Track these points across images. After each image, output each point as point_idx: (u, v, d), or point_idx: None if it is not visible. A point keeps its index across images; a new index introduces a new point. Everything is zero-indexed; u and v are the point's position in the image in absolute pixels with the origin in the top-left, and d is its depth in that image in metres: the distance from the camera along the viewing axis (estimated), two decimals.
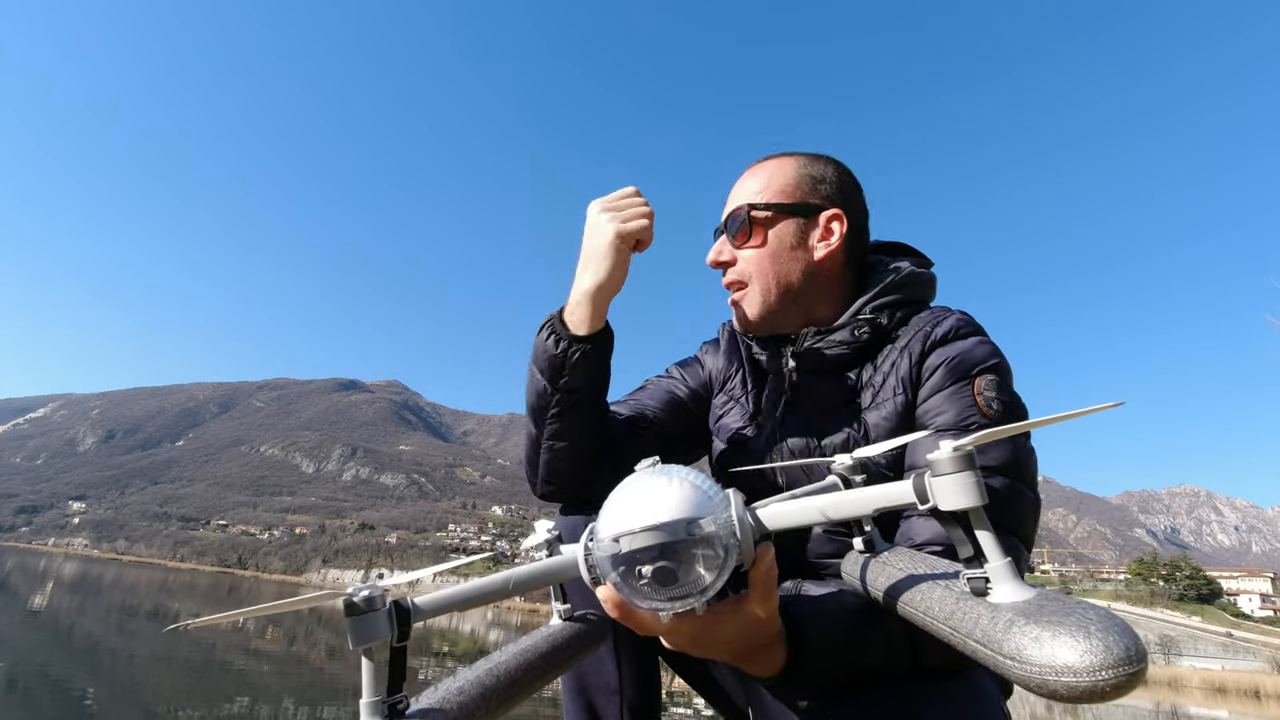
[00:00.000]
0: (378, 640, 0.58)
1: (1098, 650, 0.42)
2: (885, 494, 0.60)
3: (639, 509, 0.56)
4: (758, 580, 0.65)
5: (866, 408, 1.06)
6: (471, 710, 0.62)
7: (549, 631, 0.78)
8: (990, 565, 0.53)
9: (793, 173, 1.16)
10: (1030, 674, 0.45)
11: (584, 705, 1.05)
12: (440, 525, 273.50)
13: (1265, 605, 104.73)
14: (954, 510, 0.54)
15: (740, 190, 1.17)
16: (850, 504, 0.62)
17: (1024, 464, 0.91)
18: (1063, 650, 0.43)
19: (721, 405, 1.25)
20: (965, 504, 0.53)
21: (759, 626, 0.68)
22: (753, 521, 0.62)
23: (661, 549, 0.55)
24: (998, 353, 1.01)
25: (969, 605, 0.53)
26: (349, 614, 0.58)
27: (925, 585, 0.59)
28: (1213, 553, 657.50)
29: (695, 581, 0.56)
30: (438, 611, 0.64)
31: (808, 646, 0.73)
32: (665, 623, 0.65)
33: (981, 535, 0.54)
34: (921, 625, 0.59)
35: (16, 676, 7.73)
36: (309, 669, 11.86)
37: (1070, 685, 0.43)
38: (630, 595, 0.58)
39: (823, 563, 1.04)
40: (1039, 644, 0.45)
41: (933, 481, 0.55)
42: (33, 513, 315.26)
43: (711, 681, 1.15)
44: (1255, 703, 39.86)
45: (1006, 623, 0.48)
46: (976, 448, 0.54)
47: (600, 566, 0.59)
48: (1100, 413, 0.50)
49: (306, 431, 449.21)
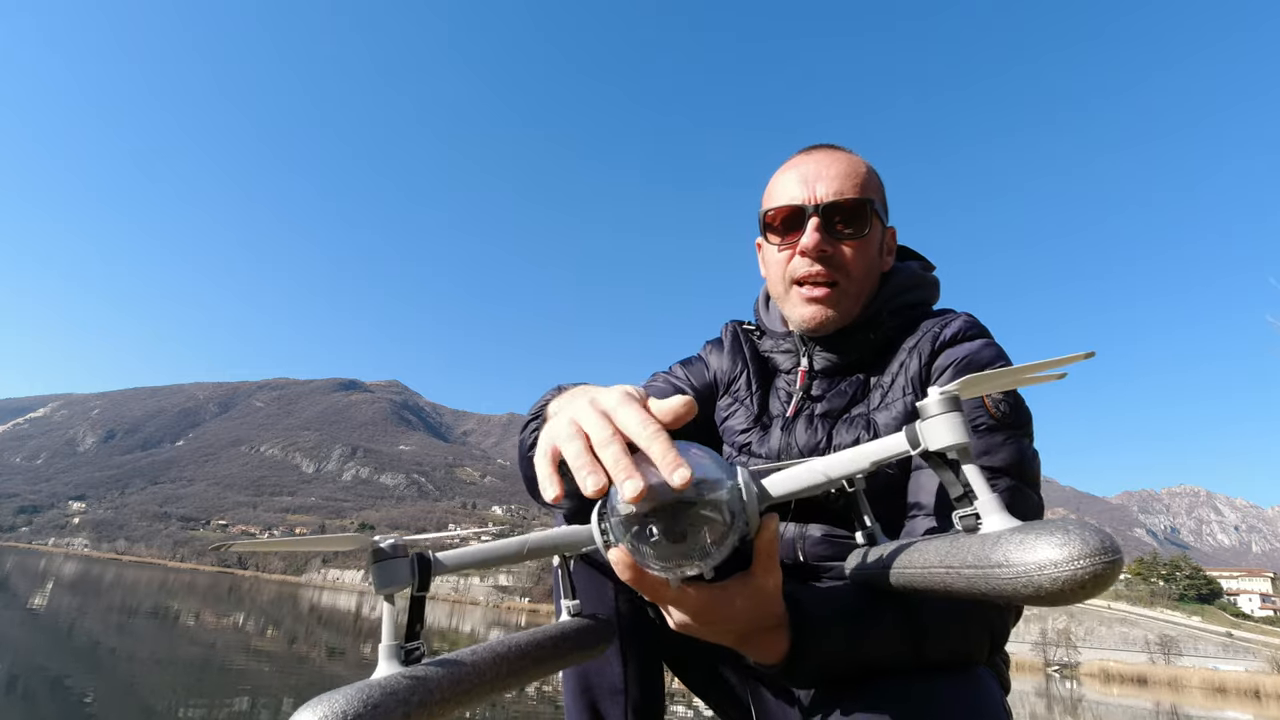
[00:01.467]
0: (400, 586, 0.61)
1: (1074, 543, 0.45)
2: (880, 447, 0.63)
3: (650, 475, 0.57)
4: (762, 548, 0.66)
5: (875, 408, 1.06)
6: (482, 670, 0.65)
7: (559, 624, 0.80)
8: (979, 500, 0.55)
9: (872, 176, 1.14)
10: (1017, 575, 0.47)
11: (587, 705, 1.05)
12: (440, 525, 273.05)
13: (1265, 605, 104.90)
14: (943, 449, 0.57)
15: (826, 176, 1.09)
16: (848, 461, 0.64)
17: (1028, 466, 0.92)
18: (1044, 548, 0.46)
19: (726, 407, 1.23)
20: (952, 440, 0.56)
21: (764, 602, 0.69)
22: (758, 489, 0.64)
23: (672, 508, 0.56)
24: (1003, 355, 1.03)
25: (961, 541, 0.55)
26: (375, 559, 0.61)
27: (921, 545, 0.62)
28: (1213, 553, 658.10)
29: (704, 545, 0.58)
30: (457, 568, 0.67)
31: (811, 633, 0.73)
32: (674, 589, 0.66)
33: (968, 470, 0.56)
34: (922, 585, 0.60)
35: (16, 676, 7.74)
36: (309, 669, 11.86)
37: (1053, 577, 0.45)
38: (641, 557, 0.60)
39: (822, 565, 1.04)
40: (1023, 547, 0.48)
41: (922, 425, 0.58)
42: (33, 513, 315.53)
43: (715, 682, 1.14)
44: (1255, 703, 39.88)
45: (995, 539, 0.51)
46: (978, 445, 0.57)
47: (613, 530, 0.61)
48: (1068, 366, 0.55)
49: (306, 431, 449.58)
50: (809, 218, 1.08)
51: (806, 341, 1.15)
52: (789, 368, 1.18)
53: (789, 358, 1.18)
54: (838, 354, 1.12)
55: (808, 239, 1.07)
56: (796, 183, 1.11)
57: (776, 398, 1.18)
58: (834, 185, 1.09)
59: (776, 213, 1.12)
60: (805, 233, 1.08)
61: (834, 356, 1.12)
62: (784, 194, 1.12)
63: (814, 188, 1.09)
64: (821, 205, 1.08)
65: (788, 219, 1.11)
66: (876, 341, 1.11)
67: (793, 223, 1.11)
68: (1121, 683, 54.58)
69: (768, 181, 1.20)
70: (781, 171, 1.16)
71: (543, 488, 0.61)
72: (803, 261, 1.09)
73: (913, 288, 1.15)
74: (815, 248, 1.07)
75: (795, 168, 1.13)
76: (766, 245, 1.18)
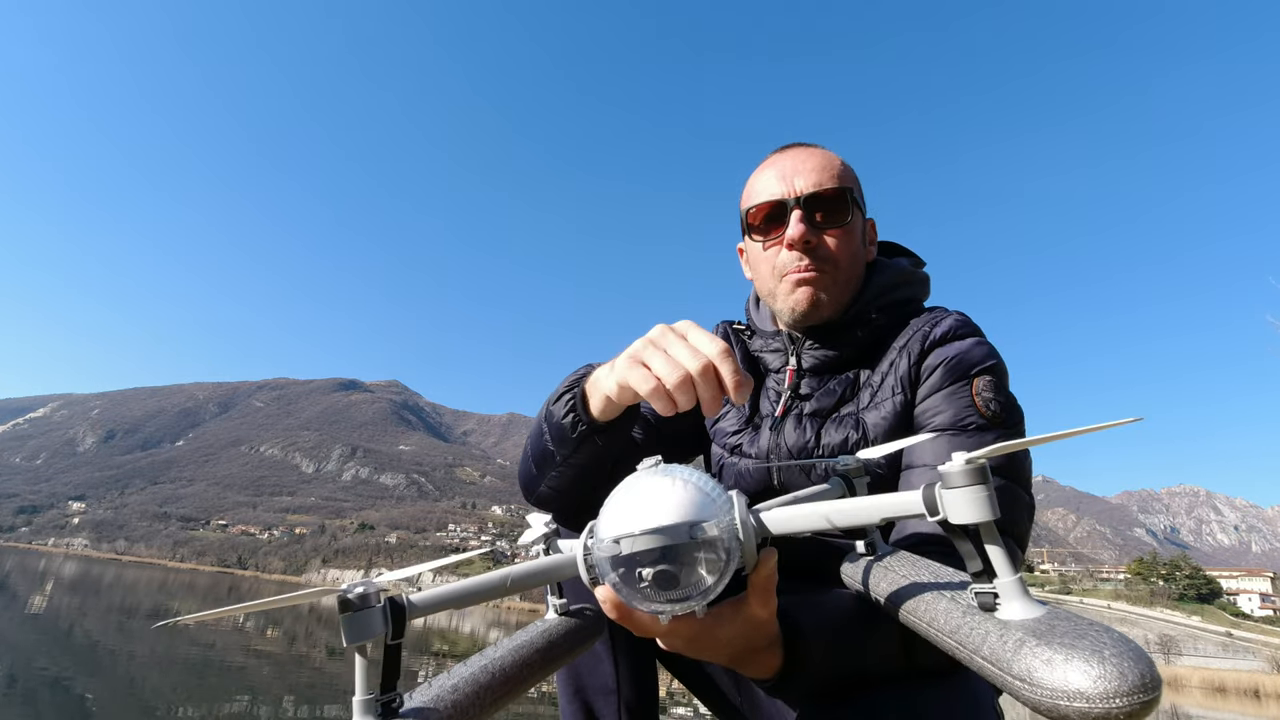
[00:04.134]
0: (372, 637, 0.57)
1: (1112, 676, 0.41)
2: (893, 504, 0.59)
3: (641, 511, 0.55)
4: (758, 585, 0.64)
5: (865, 408, 1.05)
6: (466, 708, 0.61)
7: (544, 626, 0.77)
8: (1000, 581, 0.52)
9: (847, 168, 1.14)
10: (1041, 697, 0.43)
11: (581, 705, 1.04)
12: (440, 525, 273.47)
13: (1265, 605, 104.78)
14: (964, 524, 0.53)
15: (803, 170, 1.10)
16: (857, 512, 0.61)
17: (1020, 466, 0.91)
18: (1075, 675, 0.42)
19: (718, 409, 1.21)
20: (977, 518, 0.52)
21: (757, 630, 0.68)
22: (755, 524, 0.62)
23: (663, 552, 0.54)
24: (995, 354, 1.02)
25: (976, 620, 0.51)
26: (343, 610, 0.57)
27: (930, 595, 0.58)
28: (1212, 552, 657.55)
29: (696, 584, 0.55)
30: (433, 609, 0.62)
31: (804, 650, 0.72)
32: (664, 625, 0.65)
33: (992, 550, 0.53)
34: (924, 635, 0.57)
35: (16, 676, 7.73)
36: (309, 669, 11.86)
37: (1083, 712, 0.41)
38: (629, 597, 0.57)
39: (820, 568, 1.04)
40: (1051, 666, 0.43)
41: (944, 494, 0.53)
42: (33, 513, 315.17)
43: (707, 681, 1.14)
44: (1255, 702, 39.89)
45: (1016, 642, 0.47)
46: (968, 443, 0.53)
47: (599, 567, 0.58)
48: (1083, 435, 0.49)
49: (306, 431, 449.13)
50: (791, 210, 1.08)
51: (795, 339, 1.15)
52: (778, 367, 1.17)
53: (778, 357, 1.17)
54: (827, 350, 1.11)
55: (793, 230, 1.08)
56: (775, 179, 1.11)
57: (766, 398, 1.18)
58: (812, 178, 1.09)
59: (758, 210, 1.12)
60: (789, 225, 1.08)
61: (823, 353, 1.12)
62: (764, 191, 1.12)
63: (792, 182, 1.10)
64: (802, 197, 1.08)
65: (770, 215, 1.11)
66: (865, 339, 1.10)
67: (775, 218, 1.11)
68: None
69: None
70: (759, 171, 1.16)
71: (727, 396, 0.67)
72: (790, 255, 1.10)
73: (902, 284, 1.14)
74: (800, 238, 1.07)
75: (772, 165, 1.14)
76: (751, 244, 1.17)
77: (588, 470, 0.97)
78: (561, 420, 0.92)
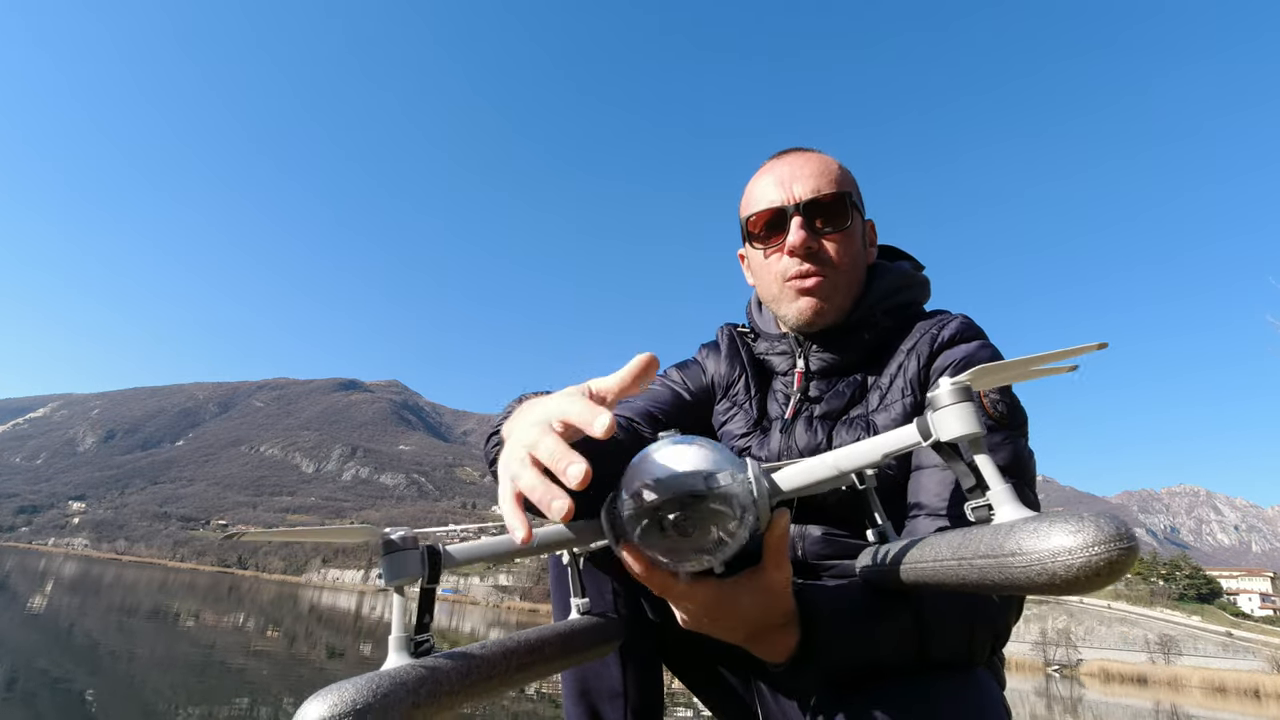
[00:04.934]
0: (410, 576, 0.61)
1: (1089, 530, 0.45)
2: (892, 439, 0.62)
3: (660, 467, 0.58)
4: (772, 544, 0.66)
5: (874, 410, 1.06)
6: (492, 663, 0.65)
7: (569, 622, 0.80)
8: (992, 491, 0.54)
9: (845, 172, 1.15)
10: (1031, 563, 0.46)
11: (587, 708, 1.05)
12: (440, 525, 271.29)
13: (1265, 605, 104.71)
14: (954, 439, 0.55)
15: (801, 176, 1.11)
16: (859, 454, 0.63)
17: (1025, 466, 0.93)
18: (1058, 535, 0.46)
19: (725, 411, 1.22)
20: (965, 430, 0.55)
21: (774, 598, 0.69)
22: (769, 485, 0.63)
23: (680, 501, 0.56)
24: (999, 356, 1.04)
25: (974, 532, 0.54)
26: (386, 551, 0.61)
27: (934, 539, 0.60)
28: (1212, 552, 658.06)
29: (714, 538, 0.58)
30: (467, 560, 0.66)
31: (820, 630, 0.73)
32: (683, 584, 0.66)
33: (980, 461, 0.55)
34: (934, 580, 0.59)
35: (16, 676, 7.73)
36: (309, 669, 11.86)
37: (1067, 565, 0.45)
38: (652, 552, 0.60)
39: (823, 564, 1.04)
40: (1038, 535, 0.47)
41: (933, 416, 0.57)
42: (33, 513, 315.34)
43: (715, 683, 1.14)
44: (1255, 702, 39.88)
45: (1009, 529, 0.50)
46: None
47: (621, 525, 0.61)
48: (1079, 357, 0.53)
49: (306, 431, 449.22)
50: (791, 217, 1.09)
51: (802, 342, 1.15)
52: (785, 369, 1.17)
53: (785, 359, 1.17)
54: (834, 353, 1.12)
55: (793, 237, 1.08)
56: (773, 186, 1.12)
57: (774, 400, 1.18)
58: (810, 184, 1.10)
59: (758, 217, 1.13)
60: (790, 232, 1.09)
61: (830, 356, 1.12)
62: (763, 198, 1.12)
63: (791, 188, 1.10)
64: (802, 204, 1.09)
65: (770, 222, 1.12)
66: (871, 342, 1.11)
67: (775, 225, 1.11)
68: (1121, 682, 54.54)
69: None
70: (756, 178, 1.16)
71: (514, 532, 0.57)
72: (791, 261, 1.10)
73: (904, 288, 1.16)
74: (801, 244, 1.08)
75: (770, 172, 1.14)
76: (752, 252, 1.18)
77: None
78: (491, 468, 0.89)
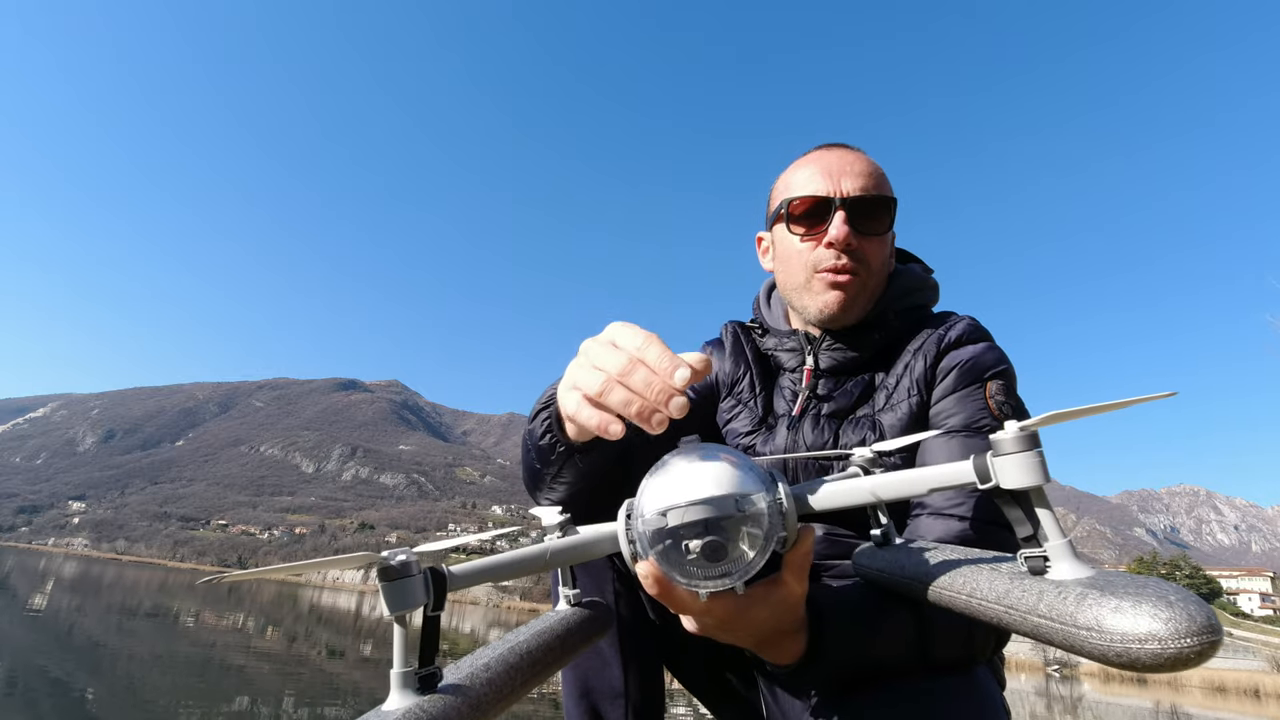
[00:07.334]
0: (413, 608, 0.55)
1: (1181, 619, 0.42)
2: (942, 473, 0.59)
3: (687, 484, 0.55)
4: (795, 561, 0.65)
5: (881, 410, 1.06)
6: (499, 686, 0.62)
7: (560, 615, 0.76)
8: (1051, 544, 0.52)
9: (887, 179, 1.14)
10: (1111, 644, 0.44)
11: (587, 708, 1.04)
12: (440, 525, 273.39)
13: (1265, 604, 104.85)
14: (1016, 489, 0.53)
15: (850, 172, 1.09)
16: (904, 483, 0.61)
17: None
18: (1145, 619, 0.43)
19: (729, 409, 1.21)
20: (1029, 482, 0.52)
21: (789, 611, 0.69)
22: (798, 502, 0.62)
23: (709, 524, 0.54)
24: (1006, 358, 1.04)
25: (1028, 583, 0.52)
26: (383, 578, 0.54)
27: (968, 568, 0.58)
28: (1212, 552, 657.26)
29: (739, 559, 0.56)
30: (474, 580, 0.62)
31: (828, 635, 0.73)
32: (701, 602, 0.64)
33: (1042, 514, 0.53)
34: (964, 609, 0.57)
35: (16, 676, 7.73)
36: (309, 669, 11.86)
37: (1155, 653, 0.42)
38: (672, 571, 0.57)
39: (824, 564, 1.04)
40: (1119, 614, 0.44)
41: (995, 460, 0.54)
42: (33, 513, 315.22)
43: (716, 684, 1.13)
44: (1255, 702, 39.85)
45: (1078, 596, 0.47)
46: (980, 444, 0.55)
47: (641, 541, 0.58)
48: (1126, 408, 0.51)
49: (306, 431, 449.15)
50: (835, 210, 1.07)
51: (813, 339, 1.15)
52: (793, 366, 1.17)
53: (793, 356, 1.17)
54: (845, 352, 1.12)
55: (836, 230, 1.06)
56: (820, 175, 1.10)
57: (781, 397, 1.17)
58: (859, 181, 1.09)
59: (801, 203, 1.10)
60: (832, 224, 1.07)
61: (842, 354, 1.12)
62: (808, 185, 1.10)
63: (839, 181, 1.09)
64: (848, 199, 1.07)
65: (812, 210, 1.10)
66: (881, 342, 1.11)
67: (818, 214, 1.09)
68: (1121, 682, 54.55)
69: (775, 177, 1.20)
70: (801, 164, 1.15)
71: (608, 425, 0.60)
72: (829, 253, 1.09)
73: (916, 290, 1.16)
74: (843, 239, 1.06)
75: (816, 161, 1.13)
76: (786, 236, 1.14)
77: (585, 479, 0.96)
78: (540, 443, 0.91)
